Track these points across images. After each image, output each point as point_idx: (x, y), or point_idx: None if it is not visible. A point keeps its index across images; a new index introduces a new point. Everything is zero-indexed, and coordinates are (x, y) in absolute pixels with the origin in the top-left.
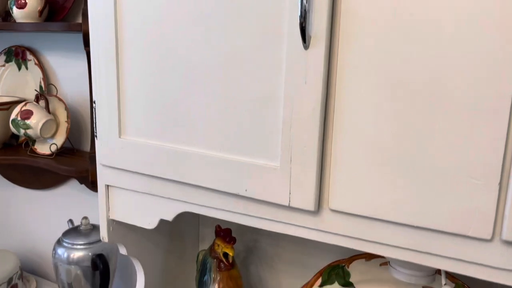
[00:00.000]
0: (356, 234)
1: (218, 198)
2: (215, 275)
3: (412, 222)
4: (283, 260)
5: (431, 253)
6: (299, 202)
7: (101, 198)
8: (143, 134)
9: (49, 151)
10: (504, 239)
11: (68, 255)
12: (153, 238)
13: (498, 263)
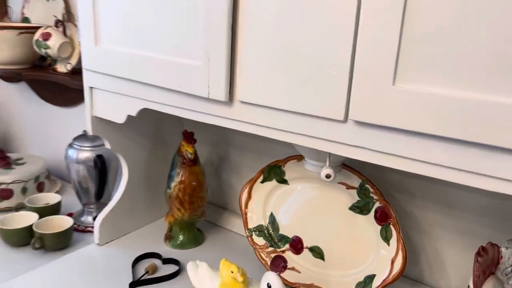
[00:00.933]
0: (261, 122)
1: (165, 94)
2: (179, 170)
3: (289, 108)
4: (248, 167)
5: (305, 134)
6: (216, 94)
7: (87, 98)
8: (113, 42)
9: (66, 69)
10: (353, 119)
11: (77, 155)
12: (137, 140)
13: (352, 141)
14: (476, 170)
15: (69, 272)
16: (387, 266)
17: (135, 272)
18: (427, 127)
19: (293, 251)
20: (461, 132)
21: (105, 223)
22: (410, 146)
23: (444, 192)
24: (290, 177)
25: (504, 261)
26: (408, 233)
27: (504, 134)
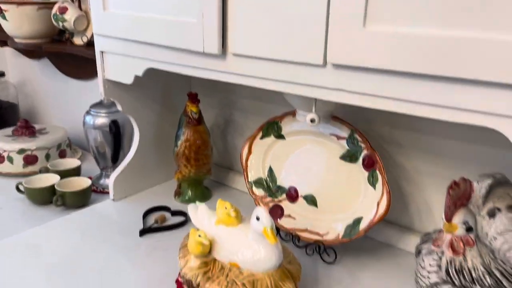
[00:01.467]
0: (251, 73)
1: (166, 53)
2: (185, 129)
3: (275, 56)
4: (250, 129)
5: (291, 81)
6: (210, 48)
7: (98, 62)
8: (118, 7)
9: (82, 42)
10: (331, 63)
11: (94, 121)
12: (147, 103)
13: (332, 84)
14: (446, 104)
15: (86, 222)
16: (373, 208)
17: (145, 222)
18: (397, 65)
19: (289, 200)
20: (429, 67)
21: (119, 180)
22: (384, 85)
23: (430, 141)
24: (287, 132)
25: (476, 194)
26: (398, 182)
27: (469, 67)
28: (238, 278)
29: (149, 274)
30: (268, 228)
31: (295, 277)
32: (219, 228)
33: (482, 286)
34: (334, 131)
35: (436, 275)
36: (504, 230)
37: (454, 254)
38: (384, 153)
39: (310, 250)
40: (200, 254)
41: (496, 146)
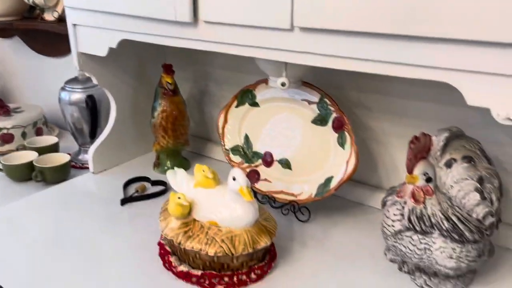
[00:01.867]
0: (223, 39)
1: (139, 23)
2: (161, 100)
3: (244, 22)
4: (226, 99)
5: (257, 46)
6: (182, 16)
7: (71, 35)
8: None
9: (53, 17)
10: (297, 26)
11: (69, 97)
12: (122, 76)
13: (299, 47)
14: (406, 61)
15: (67, 195)
16: (342, 166)
17: (126, 192)
18: (361, 26)
19: (265, 165)
20: (391, 27)
21: (98, 154)
22: (348, 46)
23: (396, 103)
24: (260, 99)
25: (434, 147)
26: (367, 144)
27: (427, 25)
28: (217, 235)
29: (132, 240)
30: (244, 187)
31: (271, 232)
32: (197, 190)
33: (440, 230)
34: (306, 96)
35: (400, 223)
36: (460, 179)
37: (416, 203)
38: (353, 117)
39: (285, 210)
40: (180, 215)
41: (454, 104)
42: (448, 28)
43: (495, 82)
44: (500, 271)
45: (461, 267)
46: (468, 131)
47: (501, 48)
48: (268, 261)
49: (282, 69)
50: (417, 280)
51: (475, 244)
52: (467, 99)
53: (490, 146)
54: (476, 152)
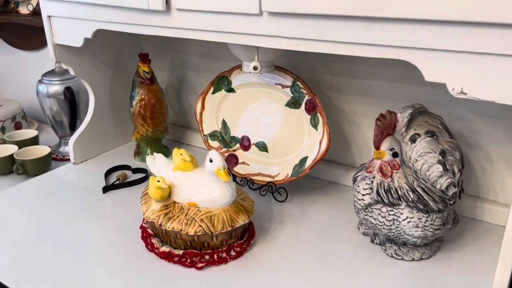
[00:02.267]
0: (195, 26)
1: (112, 13)
2: (139, 89)
3: (215, 9)
4: (203, 86)
5: (228, 31)
6: (154, 4)
7: (46, 27)
8: None
9: (28, 10)
10: (265, 11)
11: (47, 90)
12: (99, 66)
13: (267, 31)
14: (368, 41)
15: (48, 185)
16: (316, 146)
17: (107, 180)
18: (324, 9)
19: (243, 149)
20: (353, 9)
21: (79, 144)
22: (314, 29)
23: (365, 85)
24: (236, 85)
25: (399, 124)
26: (339, 125)
27: (386, 6)
28: (196, 216)
29: (115, 225)
30: (220, 168)
31: (249, 211)
32: (176, 173)
33: (407, 202)
34: (279, 80)
35: (369, 196)
36: (423, 152)
37: (383, 177)
38: (325, 99)
39: (263, 191)
40: (160, 198)
41: (421, 83)
42: (403, 8)
43: (449, 58)
44: (465, 240)
45: (427, 235)
46: (433, 108)
47: (453, 26)
48: (247, 239)
49: (254, 53)
50: (387, 251)
51: (440, 213)
52: (425, 75)
53: (454, 122)
54: (438, 127)
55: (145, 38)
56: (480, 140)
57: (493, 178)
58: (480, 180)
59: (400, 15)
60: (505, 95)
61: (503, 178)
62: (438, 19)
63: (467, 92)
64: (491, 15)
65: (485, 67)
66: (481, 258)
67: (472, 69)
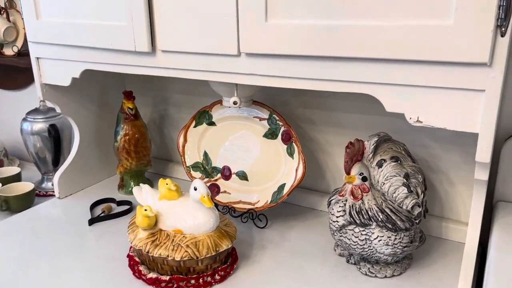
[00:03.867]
0: (179, 65)
1: (100, 54)
2: (123, 125)
3: (198, 50)
4: (185, 120)
5: (210, 70)
6: (141, 47)
7: (35, 68)
8: (52, 15)
9: (13, 52)
10: (244, 52)
11: (32, 127)
12: (85, 104)
13: (245, 70)
14: (335, 78)
15: (33, 220)
16: (292, 173)
17: (93, 213)
18: (293, 50)
19: (224, 178)
20: (318, 50)
21: (63, 178)
22: (286, 68)
23: (337, 117)
24: (217, 119)
25: (367, 151)
26: (314, 154)
27: (346, 47)
28: (182, 242)
29: (102, 255)
30: (204, 195)
31: (232, 236)
32: (162, 202)
33: (377, 221)
34: (256, 113)
35: (343, 218)
36: (389, 176)
37: (355, 199)
38: (300, 130)
39: (244, 218)
40: (147, 226)
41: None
42: (364, 49)
43: (406, 91)
44: (432, 257)
45: (397, 252)
46: (397, 136)
47: (408, 64)
48: (230, 263)
49: (233, 90)
50: (362, 269)
51: (407, 232)
52: (386, 107)
53: (417, 148)
54: (401, 153)
55: (129, 76)
56: (441, 165)
57: (455, 200)
58: (444, 202)
59: (361, 55)
60: (454, 123)
61: (463, 199)
62: (394, 58)
63: (423, 121)
64: (438, 55)
65: (437, 98)
66: (447, 274)
67: (426, 101)
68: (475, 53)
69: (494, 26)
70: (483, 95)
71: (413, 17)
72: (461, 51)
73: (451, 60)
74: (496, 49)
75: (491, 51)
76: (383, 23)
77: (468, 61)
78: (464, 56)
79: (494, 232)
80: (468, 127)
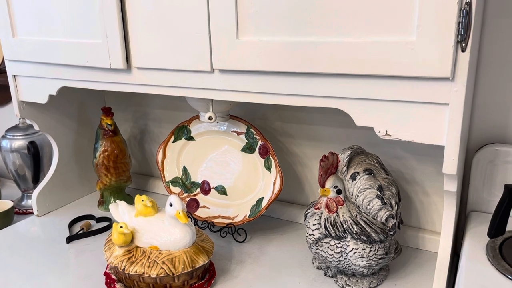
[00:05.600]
0: (153, 82)
1: (76, 72)
2: (102, 141)
3: (172, 67)
4: (165, 135)
5: (184, 86)
6: (116, 64)
7: (12, 85)
8: (27, 33)
9: None
10: (216, 68)
11: (11, 145)
12: (63, 121)
13: (219, 86)
14: (306, 93)
15: (11, 239)
16: (270, 187)
17: (71, 230)
18: (264, 66)
19: (203, 193)
20: (288, 66)
21: (42, 196)
22: (259, 83)
23: (313, 130)
24: (195, 133)
25: (341, 164)
26: (293, 167)
27: (315, 63)
28: (158, 258)
29: (79, 273)
30: (180, 211)
31: (208, 251)
32: (138, 219)
33: (351, 234)
34: (234, 128)
35: (318, 231)
36: (363, 188)
37: (330, 212)
38: (279, 144)
39: (224, 233)
40: (123, 243)
41: (357, 128)
42: (332, 65)
43: (374, 106)
44: (409, 268)
45: (372, 264)
46: (372, 148)
47: (375, 79)
48: (207, 279)
49: (209, 105)
50: (339, 282)
51: (382, 244)
52: (355, 120)
53: (391, 160)
54: (375, 165)
55: (108, 92)
56: (415, 176)
57: (430, 210)
58: (419, 212)
59: (329, 71)
60: (421, 136)
61: (438, 210)
62: (362, 73)
63: (391, 134)
64: (403, 70)
65: (404, 112)
66: (423, 284)
67: (394, 114)
68: (438, 68)
69: (455, 42)
70: (447, 109)
71: (379, 33)
72: (424, 66)
73: (415, 75)
74: (458, 64)
75: (452, 66)
76: (350, 39)
77: (431, 76)
78: (427, 71)
79: (466, 242)
80: (434, 139)
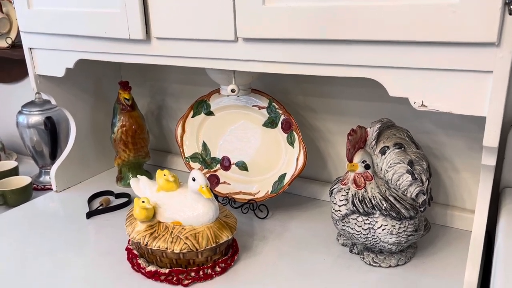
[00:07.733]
0: (174, 53)
1: (94, 43)
2: (120, 116)
3: (193, 36)
4: (183, 111)
5: (206, 57)
6: (135, 34)
7: (28, 59)
8: (43, 3)
9: (6, 44)
10: (241, 37)
11: (28, 120)
12: (80, 95)
13: (243, 56)
14: (337, 62)
15: (31, 214)
16: (293, 163)
17: (91, 206)
18: (293, 34)
19: (223, 169)
20: (319, 33)
21: (61, 172)
22: (286, 53)
23: (337, 104)
24: (215, 108)
25: (369, 138)
26: (315, 143)
27: (348, 29)
28: (181, 234)
29: (100, 248)
30: (203, 185)
31: (232, 227)
32: (160, 194)
33: (380, 210)
34: (255, 102)
35: (345, 207)
36: (393, 163)
37: (358, 188)
38: (301, 119)
39: (245, 209)
40: (145, 218)
41: (385, 100)
42: (367, 31)
43: (410, 75)
44: (437, 246)
45: (401, 241)
46: (400, 122)
47: (413, 46)
48: (231, 255)
49: (231, 77)
50: (365, 259)
51: (412, 220)
52: (389, 91)
53: (420, 135)
54: (405, 139)
55: (125, 66)
56: (445, 152)
57: (460, 187)
58: (448, 189)
59: (363, 37)
60: (460, 107)
61: (469, 186)
62: (397, 40)
63: (428, 105)
64: (443, 35)
65: (442, 81)
66: (452, 262)
67: (431, 84)
68: (482, 32)
69: (502, 3)
70: (490, 77)
71: None
72: (467, 31)
73: (456, 41)
74: (504, 28)
75: (499, 30)
76: (385, 3)
77: (475, 41)
78: (470, 36)
79: (501, 219)
80: (475, 110)
